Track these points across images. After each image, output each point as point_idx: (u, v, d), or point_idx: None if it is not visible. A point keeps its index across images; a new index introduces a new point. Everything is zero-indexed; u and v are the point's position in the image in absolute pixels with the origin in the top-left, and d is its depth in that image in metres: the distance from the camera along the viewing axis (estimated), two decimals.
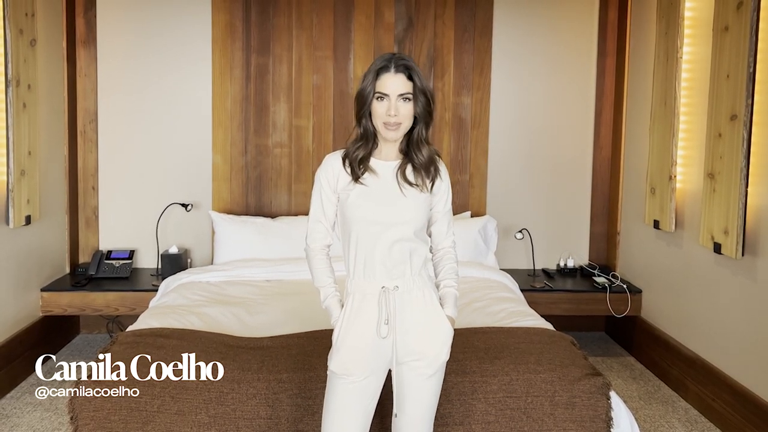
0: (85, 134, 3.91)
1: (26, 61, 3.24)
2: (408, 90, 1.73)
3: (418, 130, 1.79)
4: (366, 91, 1.75)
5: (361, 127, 1.79)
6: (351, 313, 1.76)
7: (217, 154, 3.93)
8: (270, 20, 3.89)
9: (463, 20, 3.94)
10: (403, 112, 1.73)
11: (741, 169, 2.68)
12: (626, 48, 3.88)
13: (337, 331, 1.77)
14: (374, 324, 1.73)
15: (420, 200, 1.78)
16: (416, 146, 1.80)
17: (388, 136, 1.75)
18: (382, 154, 1.81)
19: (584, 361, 2.27)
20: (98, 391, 2.07)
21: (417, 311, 1.76)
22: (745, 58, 2.65)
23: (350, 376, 1.74)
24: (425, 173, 1.79)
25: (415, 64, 1.76)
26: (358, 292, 1.77)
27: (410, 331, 1.74)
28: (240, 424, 2.05)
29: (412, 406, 1.76)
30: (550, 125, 4.06)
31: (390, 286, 1.74)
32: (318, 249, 1.85)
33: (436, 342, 1.76)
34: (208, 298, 2.98)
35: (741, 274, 2.80)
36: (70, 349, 3.74)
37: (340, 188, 1.79)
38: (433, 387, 1.78)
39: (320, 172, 1.81)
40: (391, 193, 1.77)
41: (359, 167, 1.77)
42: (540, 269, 4.04)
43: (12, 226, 3.17)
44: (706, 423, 2.96)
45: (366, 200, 1.75)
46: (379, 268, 1.74)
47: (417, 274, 1.77)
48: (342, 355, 1.74)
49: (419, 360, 1.75)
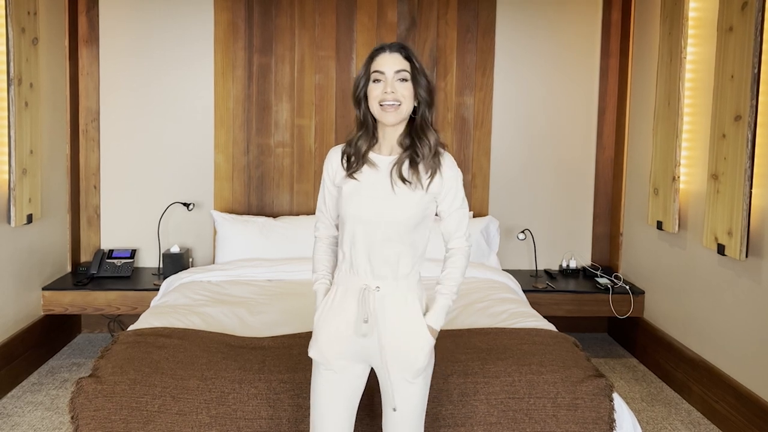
0: (87, 133, 3.91)
1: (28, 59, 3.24)
2: (404, 68, 1.68)
3: (422, 113, 1.71)
4: (360, 76, 1.71)
5: (361, 115, 1.74)
6: (332, 304, 1.74)
7: (219, 154, 3.92)
8: (272, 20, 3.89)
9: (466, 20, 3.93)
10: (401, 91, 1.67)
11: (745, 170, 2.67)
12: (629, 48, 3.87)
13: (316, 318, 1.75)
14: (352, 320, 1.70)
15: (413, 200, 1.68)
16: (420, 132, 1.71)
17: (387, 119, 1.68)
18: (381, 148, 1.76)
19: (587, 363, 2.26)
20: (99, 390, 2.06)
21: (396, 316, 1.70)
22: (750, 59, 2.64)
23: (329, 364, 1.71)
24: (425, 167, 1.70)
25: (411, 47, 1.72)
26: (342, 285, 1.74)
27: (389, 334, 1.70)
28: (241, 425, 2.04)
29: (398, 412, 1.72)
30: (553, 125, 4.05)
31: (372, 286, 1.69)
32: (320, 238, 1.85)
33: (412, 349, 1.70)
34: (210, 297, 2.97)
35: (745, 276, 2.79)
36: (71, 348, 3.74)
37: (338, 181, 1.76)
38: (417, 391, 1.72)
39: (324, 164, 1.80)
40: (381, 191, 1.70)
41: (357, 161, 1.73)
42: (542, 270, 4.03)
43: (14, 224, 3.17)
44: (709, 425, 2.94)
45: (356, 196, 1.71)
46: (363, 265, 1.70)
47: (403, 278, 1.71)
48: (320, 344, 1.73)
49: (397, 365, 1.70)
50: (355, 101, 1.74)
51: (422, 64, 1.72)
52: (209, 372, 2.13)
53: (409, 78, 1.69)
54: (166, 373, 2.12)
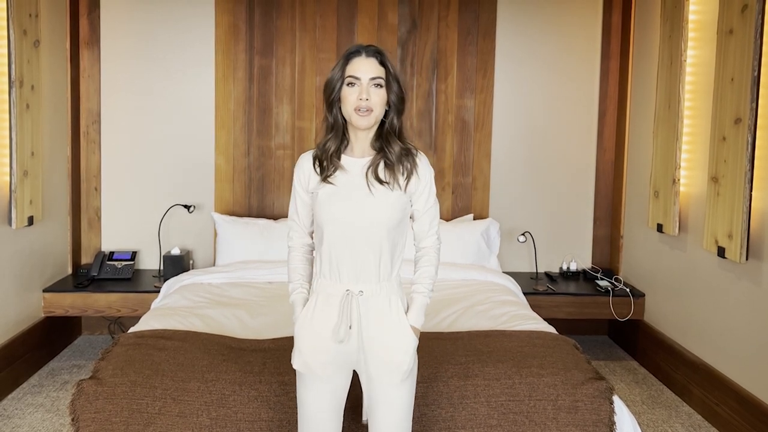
0: (88, 135, 3.91)
1: (30, 62, 3.24)
2: (380, 74, 1.67)
3: (390, 120, 1.72)
4: (335, 78, 1.69)
5: (331, 117, 1.72)
6: (311, 312, 1.71)
7: (220, 156, 3.93)
8: (273, 22, 3.89)
9: (467, 22, 3.94)
10: (374, 98, 1.66)
11: (745, 173, 2.67)
12: (630, 51, 3.87)
13: (297, 328, 1.73)
14: (333, 327, 1.68)
15: (391, 200, 1.69)
16: (388, 138, 1.72)
17: (359, 123, 1.67)
18: (354, 151, 1.75)
19: (587, 365, 2.26)
20: (100, 392, 2.06)
21: (380, 319, 1.69)
22: (750, 62, 2.64)
23: (314, 373, 1.70)
24: (400, 169, 1.70)
25: (386, 52, 1.71)
26: (322, 293, 1.71)
27: (373, 338, 1.69)
28: (241, 427, 2.04)
29: (384, 414, 1.71)
30: (554, 128, 4.05)
31: (355, 290, 1.68)
32: (295, 247, 1.82)
33: (398, 351, 1.69)
34: (210, 299, 2.98)
35: (745, 279, 2.79)
36: (71, 350, 3.74)
37: (312, 187, 1.74)
38: (403, 395, 1.71)
39: (294, 172, 1.78)
40: (358, 193, 1.68)
41: (329, 165, 1.71)
42: (543, 272, 4.03)
43: (14, 226, 3.17)
44: (709, 428, 2.94)
45: (333, 200, 1.69)
46: (345, 270, 1.68)
47: (385, 280, 1.70)
48: (303, 354, 1.71)
49: (382, 368, 1.69)
50: (327, 104, 1.72)
51: (396, 70, 1.72)
52: (210, 374, 2.13)
53: (384, 84, 1.69)
54: (166, 375, 2.12)
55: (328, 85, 1.71)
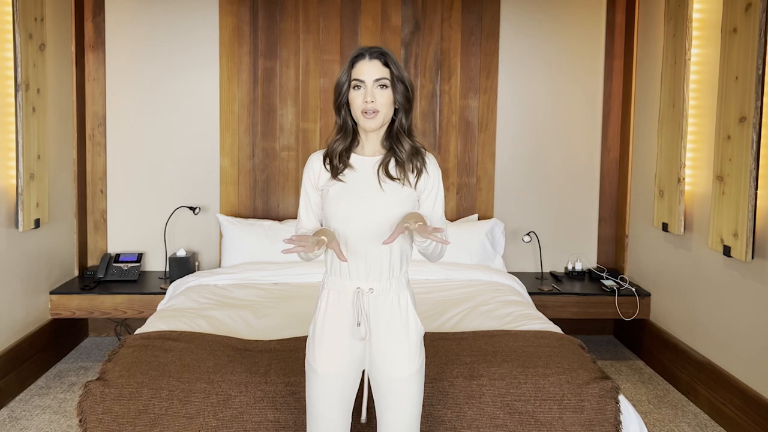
0: (93, 138, 3.93)
1: (35, 65, 3.26)
2: (384, 75, 1.69)
3: (399, 120, 1.74)
4: (342, 81, 1.72)
5: (341, 119, 1.75)
6: (328, 310, 1.72)
7: (225, 158, 3.94)
8: (277, 24, 3.90)
9: (470, 23, 3.94)
10: (380, 99, 1.69)
11: (750, 172, 2.66)
12: (634, 50, 3.86)
13: (312, 326, 1.75)
14: (350, 324, 1.70)
15: (402, 196, 1.71)
16: (397, 137, 1.74)
17: (367, 125, 1.70)
18: (364, 149, 1.77)
19: (593, 365, 2.26)
20: (107, 394, 2.07)
21: (389, 316, 1.71)
22: (754, 60, 2.64)
23: (327, 371, 1.71)
24: (410, 167, 1.73)
25: (391, 52, 1.73)
26: (333, 290, 1.73)
27: (382, 335, 1.71)
28: (248, 428, 2.05)
29: (393, 413, 1.72)
30: (558, 128, 4.05)
31: (365, 288, 1.70)
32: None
33: (406, 347, 1.71)
34: (216, 301, 2.99)
35: (751, 277, 2.78)
36: (78, 351, 3.76)
37: (322, 184, 1.76)
38: (412, 393, 1.72)
39: (304, 171, 1.80)
40: (369, 190, 1.71)
41: (339, 163, 1.73)
42: (548, 272, 4.03)
43: (21, 229, 3.19)
44: (716, 427, 2.93)
45: (344, 197, 1.71)
46: (355, 268, 1.70)
47: (395, 277, 1.72)
48: (321, 352, 1.72)
49: (391, 364, 1.70)
50: (336, 107, 1.75)
51: (401, 69, 1.73)
52: (216, 375, 2.14)
53: (389, 84, 1.70)
54: (173, 376, 2.13)
55: (335, 89, 1.74)
